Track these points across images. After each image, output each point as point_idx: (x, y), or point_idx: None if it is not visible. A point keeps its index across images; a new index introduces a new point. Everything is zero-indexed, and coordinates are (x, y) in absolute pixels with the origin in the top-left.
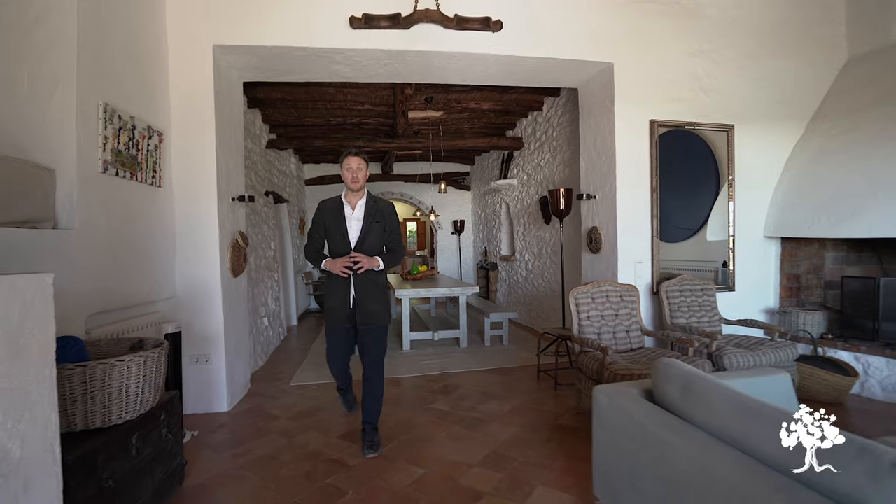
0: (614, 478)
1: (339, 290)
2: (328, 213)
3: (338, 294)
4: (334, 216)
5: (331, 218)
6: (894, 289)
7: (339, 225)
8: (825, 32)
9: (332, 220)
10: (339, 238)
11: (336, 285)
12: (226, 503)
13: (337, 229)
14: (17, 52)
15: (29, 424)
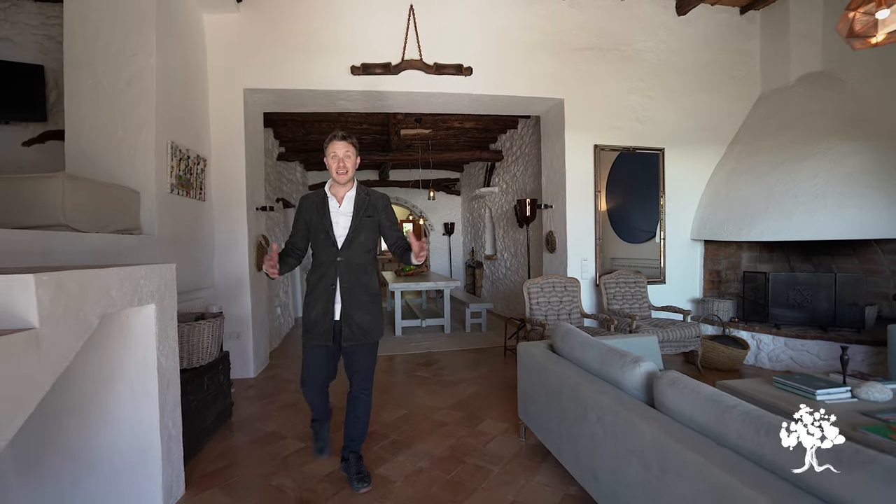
0: (526, 400)
1: (322, 298)
2: (310, 208)
3: (319, 303)
4: (317, 212)
5: (313, 214)
6: (780, 282)
7: (323, 221)
8: (741, 72)
9: (314, 217)
10: (321, 237)
11: (318, 292)
12: (263, 429)
13: (320, 226)
14: (115, 107)
15: (169, 350)
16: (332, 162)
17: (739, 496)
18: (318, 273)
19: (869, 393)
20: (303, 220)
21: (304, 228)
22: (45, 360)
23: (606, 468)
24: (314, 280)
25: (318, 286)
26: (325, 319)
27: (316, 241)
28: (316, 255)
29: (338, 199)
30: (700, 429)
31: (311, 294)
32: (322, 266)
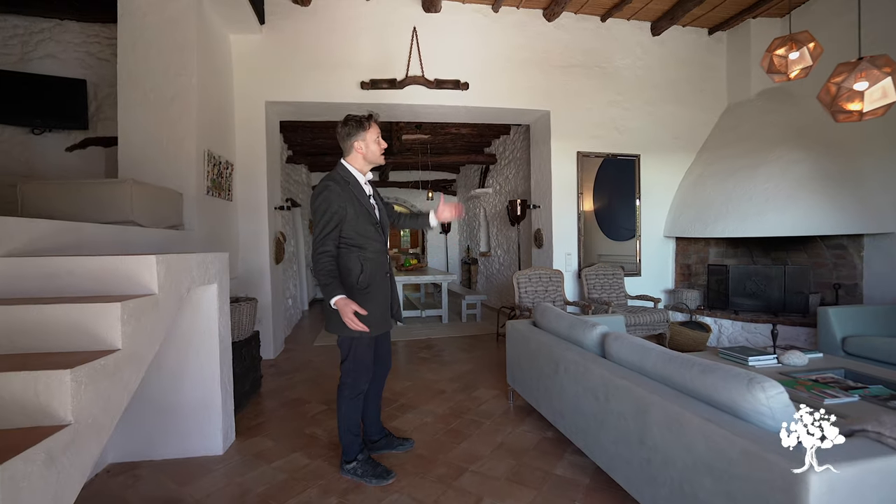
0: (513, 367)
1: (381, 287)
2: (348, 199)
3: (380, 293)
4: (358, 201)
5: (354, 204)
6: (739, 274)
7: (369, 209)
8: (709, 86)
9: (355, 207)
10: (370, 227)
11: (378, 283)
12: (289, 396)
13: (365, 216)
14: (161, 119)
15: (225, 322)
16: (375, 146)
17: (650, 402)
18: (373, 263)
19: (789, 359)
20: (342, 214)
21: (341, 224)
22: (161, 318)
23: (570, 406)
24: (370, 271)
25: (375, 277)
26: (386, 307)
27: (363, 232)
28: (364, 247)
29: (368, 187)
30: (631, 367)
31: (370, 287)
32: (377, 257)
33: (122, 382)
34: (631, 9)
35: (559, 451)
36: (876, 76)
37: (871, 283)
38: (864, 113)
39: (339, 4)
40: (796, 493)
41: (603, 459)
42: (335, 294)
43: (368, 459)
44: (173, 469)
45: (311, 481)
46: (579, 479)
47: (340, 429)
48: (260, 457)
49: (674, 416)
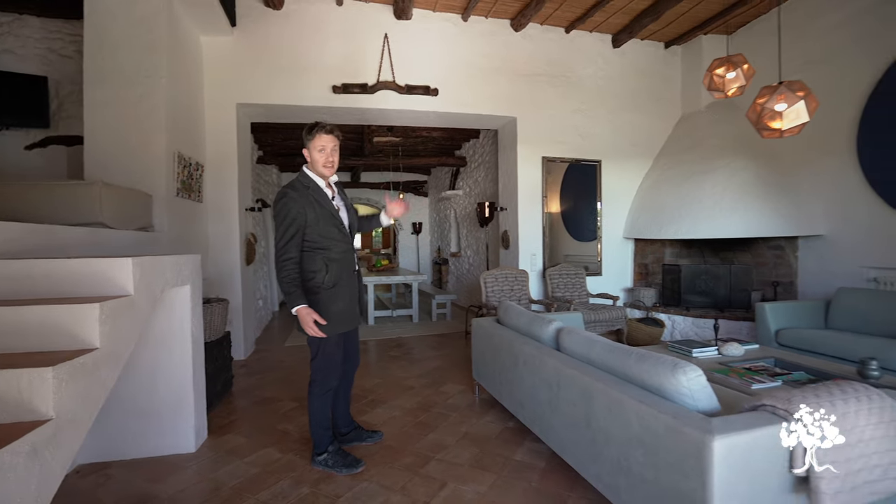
0: (478, 362)
1: (348, 285)
2: (308, 204)
3: (346, 291)
4: (320, 205)
5: (315, 208)
6: (690, 273)
7: (332, 212)
8: (665, 96)
9: (316, 210)
10: (334, 229)
11: (344, 281)
12: (261, 395)
13: (329, 218)
14: (130, 120)
15: (198, 322)
16: (318, 156)
17: (593, 389)
18: (339, 264)
19: (728, 350)
20: (302, 219)
21: (303, 228)
22: (136, 318)
23: (527, 396)
24: (336, 271)
25: (342, 276)
26: (353, 305)
27: (327, 235)
28: (329, 248)
29: (330, 190)
30: (581, 358)
31: (336, 286)
32: (342, 257)
33: (100, 380)
34: (593, 22)
35: (519, 438)
36: (792, 99)
37: (804, 281)
38: (784, 131)
39: (311, 9)
40: (704, 456)
41: (556, 443)
42: (297, 303)
43: (339, 450)
44: (145, 467)
45: (284, 473)
46: (536, 462)
47: (311, 424)
48: (232, 453)
49: (614, 400)
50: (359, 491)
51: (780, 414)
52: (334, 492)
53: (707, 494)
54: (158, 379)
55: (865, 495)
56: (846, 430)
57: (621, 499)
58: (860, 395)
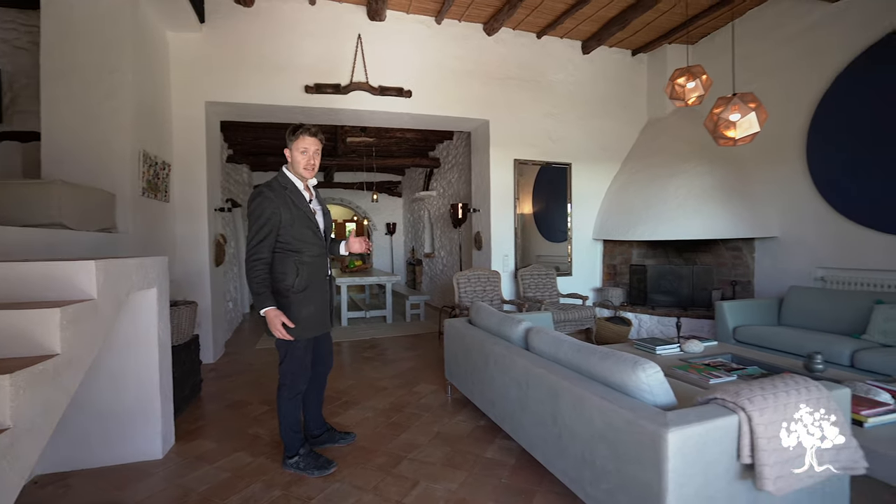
0: (451, 362)
1: (319, 289)
2: (284, 204)
3: (317, 295)
4: (296, 206)
5: (291, 209)
6: (656, 273)
7: (308, 215)
8: (633, 102)
9: (292, 212)
10: (308, 232)
11: (315, 285)
12: (231, 398)
13: (304, 221)
14: (91, 118)
15: (165, 326)
16: (300, 157)
17: (560, 387)
18: (311, 267)
19: (689, 347)
20: (277, 219)
21: (277, 228)
22: (100, 323)
23: (498, 395)
24: (307, 274)
25: (313, 280)
26: (324, 309)
27: (300, 237)
28: (301, 251)
29: (308, 192)
30: (549, 357)
31: (307, 290)
32: (314, 261)
33: (61, 387)
34: (563, 28)
35: (490, 436)
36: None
37: (760, 280)
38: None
39: (283, 7)
40: (659, 448)
41: (526, 440)
42: (265, 305)
43: (310, 453)
44: (109, 476)
45: (255, 477)
46: (506, 460)
47: (282, 427)
48: (202, 458)
49: (578, 397)
50: (331, 492)
51: (730, 406)
52: (306, 494)
53: (663, 483)
54: (123, 384)
55: (802, 479)
56: (787, 420)
57: (586, 491)
58: (800, 388)
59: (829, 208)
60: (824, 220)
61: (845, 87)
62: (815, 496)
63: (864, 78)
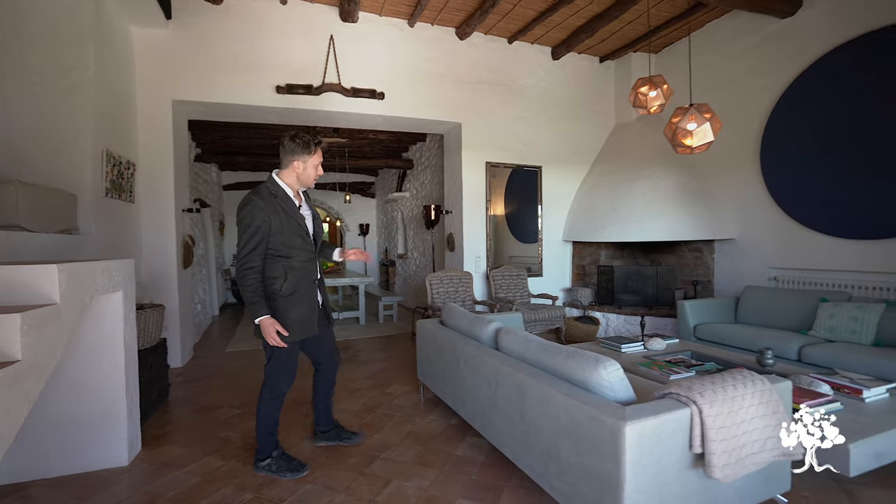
0: (423, 363)
1: (307, 295)
2: (274, 212)
3: (304, 300)
4: (286, 213)
5: (280, 216)
6: (622, 273)
7: (298, 221)
8: (601, 107)
9: (281, 219)
10: (297, 239)
11: (303, 290)
12: (200, 403)
13: (293, 228)
14: (51, 116)
15: (131, 329)
16: (312, 171)
17: (526, 385)
18: (299, 272)
19: (652, 345)
20: (267, 227)
21: (267, 236)
22: (63, 328)
23: (469, 394)
24: (294, 279)
25: (301, 285)
26: (312, 313)
27: (290, 244)
28: (290, 257)
29: (298, 199)
30: (517, 356)
31: (294, 294)
32: (303, 266)
33: (21, 394)
34: (533, 34)
35: (461, 435)
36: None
37: (720, 280)
38: (694, 148)
39: (253, 6)
40: (618, 440)
41: (495, 438)
42: (260, 313)
43: (283, 455)
44: (71, 485)
45: (226, 481)
46: (477, 457)
47: (258, 427)
48: (169, 464)
49: (544, 395)
50: (303, 493)
51: (683, 400)
52: (278, 496)
53: (621, 473)
54: (86, 390)
55: (748, 466)
56: (733, 412)
57: (551, 484)
58: (746, 381)
59: (781, 212)
60: (776, 224)
61: (793, 100)
62: (759, 481)
63: (809, 92)
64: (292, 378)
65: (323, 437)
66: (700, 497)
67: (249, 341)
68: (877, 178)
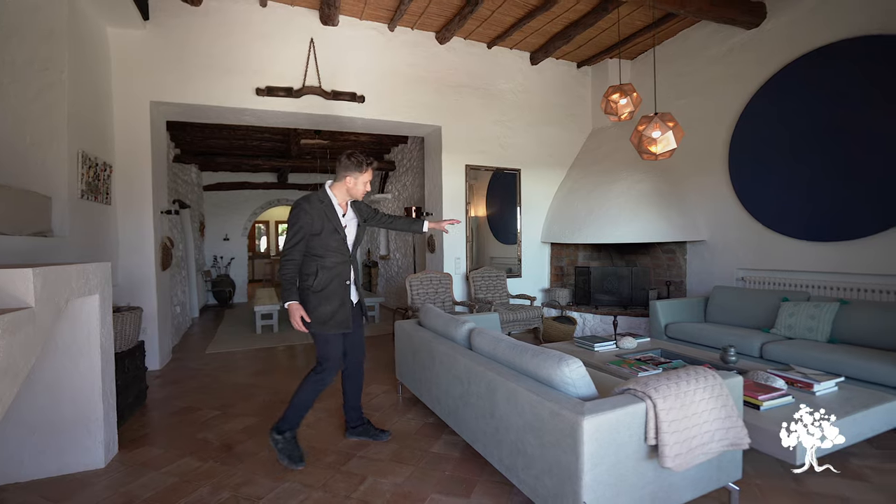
0: (401, 362)
1: (337, 293)
2: (317, 216)
3: (335, 297)
4: (328, 219)
5: (323, 221)
6: (599, 274)
7: (337, 228)
8: (578, 112)
9: (323, 224)
10: (334, 243)
11: (332, 288)
12: (178, 405)
13: (332, 232)
14: (22, 117)
15: (108, 333)
16: (362, 187)
17: (496, 383)
18: (331, 273)
19: (624, 343)
20: (309, 228)
21: (308, 235)
22: (38, 331)
23: (443, 392)
24: (325, 278)
25: (331, 284)
26: (343, 310)
27: (326, 245)
28: (324, 256)
29: (343, 208)
30: (489, 356)
31: (324, 291)
32: (335, 266)
33: None
34: (512, 40)
35: (437, 433)
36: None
37: (691, 280)
38: (658, 154)
39: (233, 8)
40: (577, 433)
41: (468, 434)
42: (289, 299)
43: (293, 440)
44: (47, 487)
45: (204, 481)
46: (451, 453)
47: (291, 402)
48: (147, 465)
49: (512, 392)
50: (280, 491)
51: (639, 395)
52: (255, 493)
53: (580, 464)
54: (62, 393)
55: (698, 456)
56: (685, 405)
57: (519, 477)
58: (699, 378)
59: (748, 215)
60: (744, 226)
61: (758, 107)
62: (711, 470)
63: (772, 100)
64: (337, 367)
65: (353, 433)
66: (655, 486)
67: (230, 343)
68: (834, 182)
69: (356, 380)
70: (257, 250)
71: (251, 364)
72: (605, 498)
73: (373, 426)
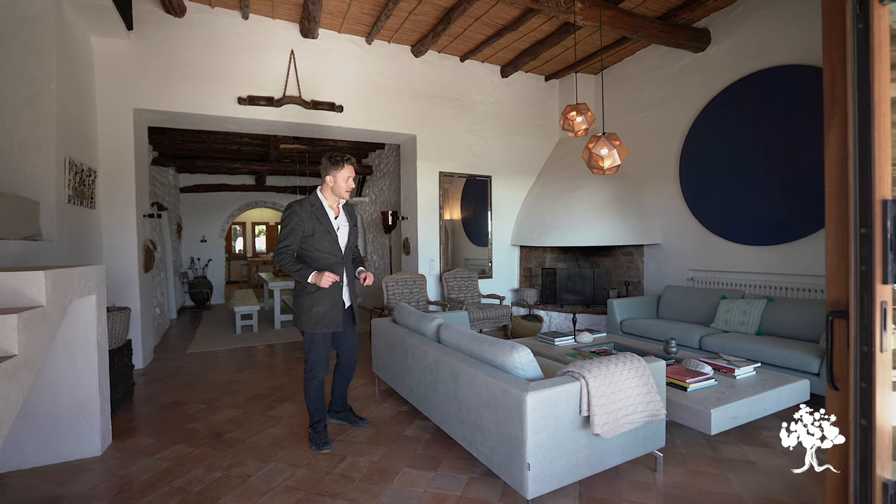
0: (377, 357)
1: (329, 294)
2: (309, 217)
3: (327, 298)
4: (318, 221)
5: (314, 223)
6: (564, 275)
7: (328, 229)
8: (546, 122)
9: (315, 225)
10: (326, 244)
11: (326, 291)
12: (164, 400)
13: (324, 234)
14: (11, 125)
15: (103, 330)
16: (344, 183)
17: (459, 369)
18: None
19: (581, 338)
20: (301, 229)
21: (301, 235)
22: (48, 328)
23: (415, 381)
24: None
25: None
26: (334, 310)
27: (318, 247)
28: (316, 258)
29: (335, 211)
30: (454, 347)
31: (317, 293)
32: (327, 267)
33: (19, 384)
34: (483, 55)
35: (411, 419)
36: (610, 147)
37: (648, 281)
38: (606, 169)
39: (215, 20)
40: (521, 407)
41: (437, 417)
42: (307, 273)
43: (323, 429)
44: (48, 473)
45: (197, 463)
46: (423, 435)
47: (306, 403)
48: (141, 452)
49: (472, 377)
50: (268, 470)
51: (575, 376)
52: (245, 472)
53: (524, 433)
54: (60, 386)
55: (623, 425)
56: (614, 383)
57: (478, 450)
58: (626, 361)
59: (696, 220)
60: (692, 230)
61: (703, 124)
62: (638, 438)
63: (715, 117)
64: (326, 365)
65: (335, 416)
66: (589, 451)
67: (211, 343)
68: (767, 193)
69: (347, 374)
70: (234, 252)
71: (233, 362)
72: (545, 460)
73: (353, 413)
